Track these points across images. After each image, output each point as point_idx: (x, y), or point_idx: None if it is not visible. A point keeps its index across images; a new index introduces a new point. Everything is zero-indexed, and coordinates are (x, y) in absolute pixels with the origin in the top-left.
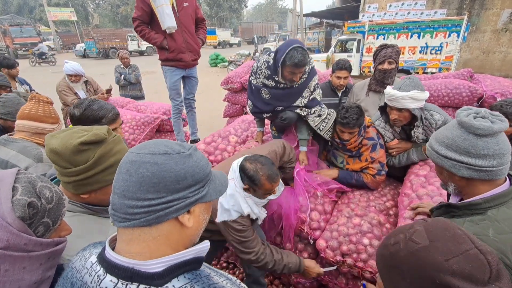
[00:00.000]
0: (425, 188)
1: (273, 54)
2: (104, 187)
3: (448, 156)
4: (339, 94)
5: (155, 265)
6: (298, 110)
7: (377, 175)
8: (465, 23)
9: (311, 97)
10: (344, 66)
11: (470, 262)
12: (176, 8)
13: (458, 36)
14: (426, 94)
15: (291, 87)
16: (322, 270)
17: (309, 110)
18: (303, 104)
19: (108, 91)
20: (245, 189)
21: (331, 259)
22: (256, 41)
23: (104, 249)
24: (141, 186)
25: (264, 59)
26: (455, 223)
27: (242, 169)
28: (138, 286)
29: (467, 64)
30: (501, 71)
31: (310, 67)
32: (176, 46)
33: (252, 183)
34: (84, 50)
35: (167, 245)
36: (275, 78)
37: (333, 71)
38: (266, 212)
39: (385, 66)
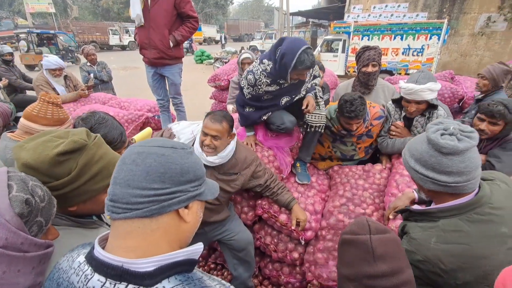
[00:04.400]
0: (410, 188)
1: (266, 61)
2: (93, 196)
3: (416, 169)
4: None
5: (146, 264)
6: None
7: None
8: (445, 26)
9: (312, 81)
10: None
11: (355, 224)
12: (149, 2)
13: (438, 39)
14: (439, 85)
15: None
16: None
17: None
18: (307, 88)
19: (89, 87)
20: None
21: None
22: (223, 42)
23: (93, 248)
24: (147, 175)
25: (260, 70)
26: (409, 226)
27: None
28: (127, 286)
29: (446, 66)
30: (478, 73)
31: None
32: (139, 41)
33: None
34: None
35: (163, 239)
36: (279, 81)
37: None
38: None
39: (369, 69)
